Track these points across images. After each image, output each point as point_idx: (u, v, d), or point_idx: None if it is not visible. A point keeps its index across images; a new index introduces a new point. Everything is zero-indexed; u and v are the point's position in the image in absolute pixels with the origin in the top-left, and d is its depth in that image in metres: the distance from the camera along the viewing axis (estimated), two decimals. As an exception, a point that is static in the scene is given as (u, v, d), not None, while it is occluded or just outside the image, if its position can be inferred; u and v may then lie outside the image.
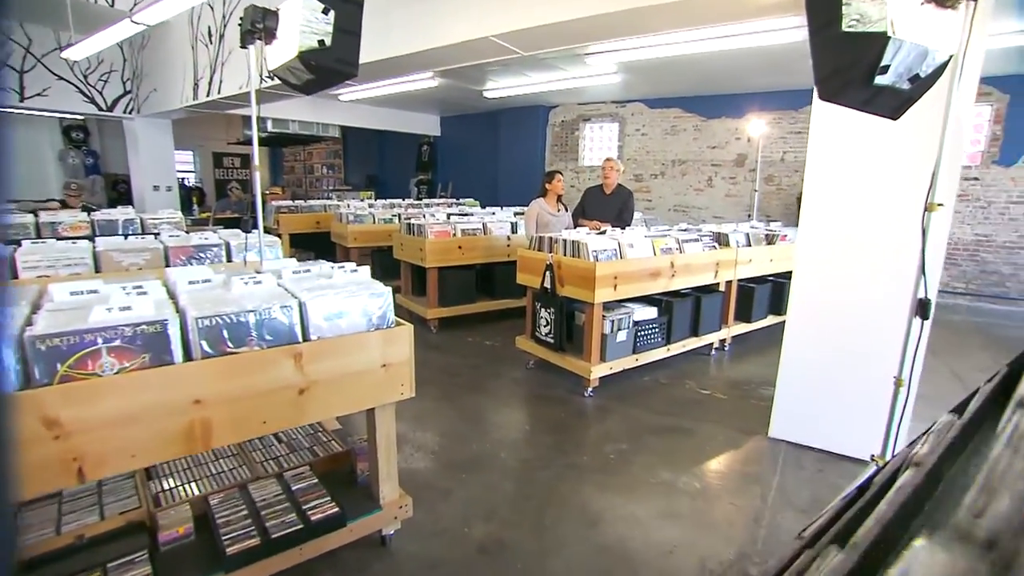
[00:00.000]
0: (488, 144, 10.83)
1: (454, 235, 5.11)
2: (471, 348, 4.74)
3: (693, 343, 4.25)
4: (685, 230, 4.50)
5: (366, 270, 2.00)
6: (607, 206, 4.65)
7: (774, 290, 4.96)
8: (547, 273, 3.68)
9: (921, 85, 1.86)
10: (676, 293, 4.12)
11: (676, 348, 4.10)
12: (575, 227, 4.68)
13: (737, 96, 7.87)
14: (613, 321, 3.60)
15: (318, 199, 10.20)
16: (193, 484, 1.95)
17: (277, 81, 5.12)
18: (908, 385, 1.84)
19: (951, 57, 1.82)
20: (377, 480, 1.91)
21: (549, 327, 3.76)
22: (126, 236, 3.27)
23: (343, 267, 2.01)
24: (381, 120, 10.52)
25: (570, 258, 3.59)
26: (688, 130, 8.47)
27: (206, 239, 2.98)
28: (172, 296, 1.65)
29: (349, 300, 1.71)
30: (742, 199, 8.11)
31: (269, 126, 8.78)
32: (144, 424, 1.32)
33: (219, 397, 1.43)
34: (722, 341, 4.59)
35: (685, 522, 2.33)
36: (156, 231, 3.78)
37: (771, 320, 5.04)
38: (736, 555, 2.13)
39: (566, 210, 4.74)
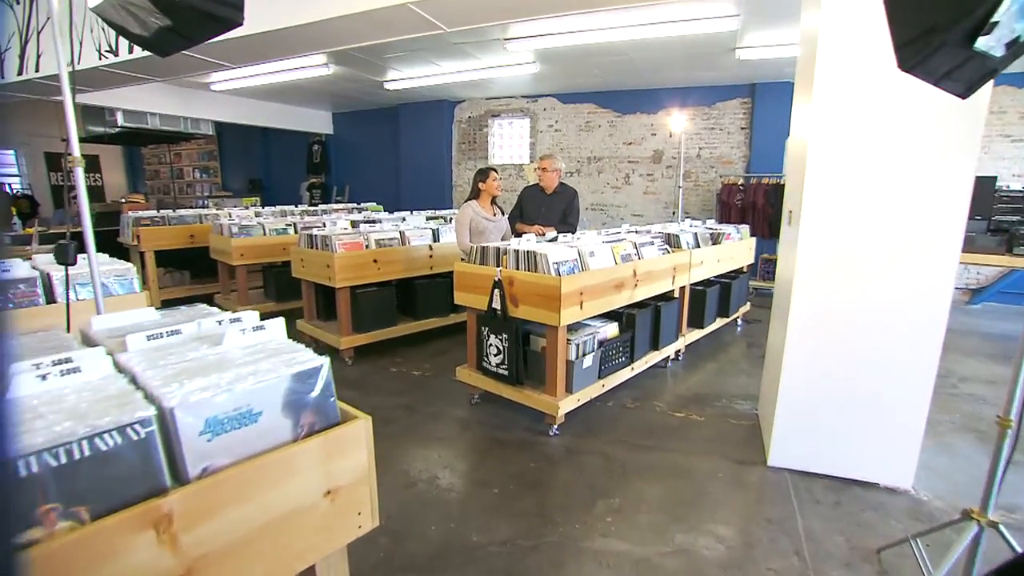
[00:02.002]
0: (388, 143, 9.92)
1: (367, 247, 4.29)
2: (398, 382, 3.97)
3: (654, 357, 3.83)
4: (637, 232, 4.08)
5: (279, 325, 1.24)
6: (550, 208, 4.10)
7: (722, 292, 4.72)
8: (496, 292, 3.04)
9: (1013, 54, 1.49)
10: (635, 304, 3.67)
11: (639, 366, 3.65)
12: (513, 233, 4.09)
13: (652, 91, 7.74)
14: (578, 345, 3.04)
15: (191, 208, 8.70)
16: None
17: (126, 56, 3.95)
18: (1017, 426, 1.45)
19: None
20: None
21: (501, 356, 3.12)
22: None
23: (238, 320, 1.23)
24: (264, 116, 9.21)
25: (525, 273, 2.98)
26: (603, 126, 8.23)
27: (5, 271, 1.98)
28: None
29: (258, 389, 0.96)
30: (660, 196, 8.01)
31: (120, 119, 7.20)
32: None
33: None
34: (677, 351, 4.23)
35: (729, 612, 1.82)
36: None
37: (719, 323, 4.81)
38: (810, 656, 1.65)
39: (503, 214, 4.11)
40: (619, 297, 3.28)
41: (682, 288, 4.12)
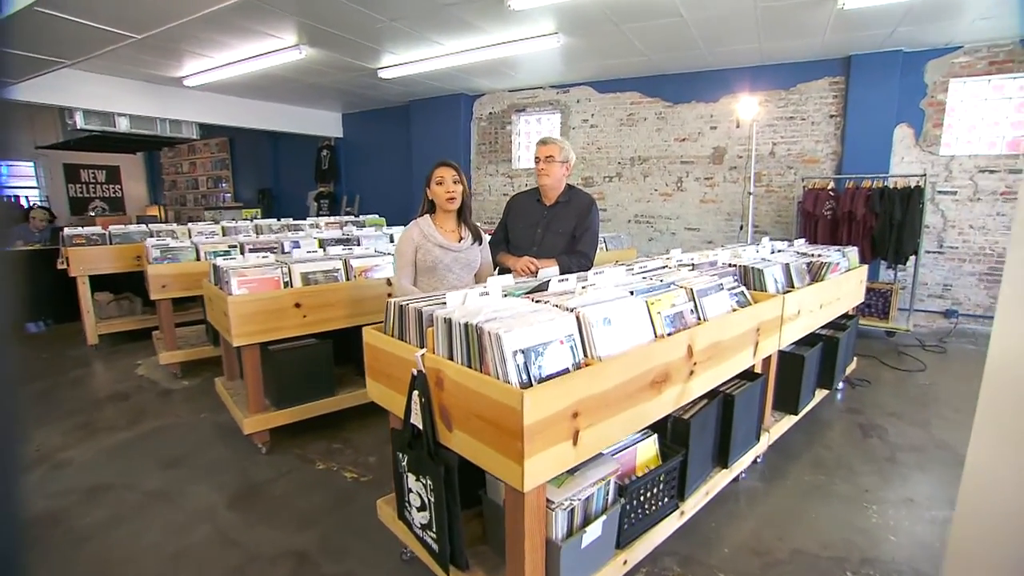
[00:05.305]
0: (400, 145, 8.68)
1: (287, 284, 2.94)
2: (316, 492, 2.57)
3: (721, 481, 2.27)
4: (693, 266, 2.51)
5: None
6: (548, 227, 2.61)
7: (825, 352, 3.07)
8: (415, 395, 1.59)
9: None
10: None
11: (695, 503, 2.10)
12: (496, 269, 2.63)
13: (711, 73, 6.10)
14: (572, 508, 1.54)
15: (199, 221, 7.79)
16: None
17: None
18: None
19: None
20: None
21: (427, 514, 1.66)
22: None
23: None
24: (261, 117, 8.16)
25: (460, 368, 1.50)
26: (649, 119, 6.63)
27: None
28: None
29: None
30: (722, 205, 6.32)
31: (80, 121, 6.26)
32: None
33: None
34: (755, 457, 2.64)
35: None
36: None
37: (818, 396, 3.16)
38: None
39: (476, 240, 2.54)
40: (657, 403, 1.74)
41: (767, 358, 2.52)
